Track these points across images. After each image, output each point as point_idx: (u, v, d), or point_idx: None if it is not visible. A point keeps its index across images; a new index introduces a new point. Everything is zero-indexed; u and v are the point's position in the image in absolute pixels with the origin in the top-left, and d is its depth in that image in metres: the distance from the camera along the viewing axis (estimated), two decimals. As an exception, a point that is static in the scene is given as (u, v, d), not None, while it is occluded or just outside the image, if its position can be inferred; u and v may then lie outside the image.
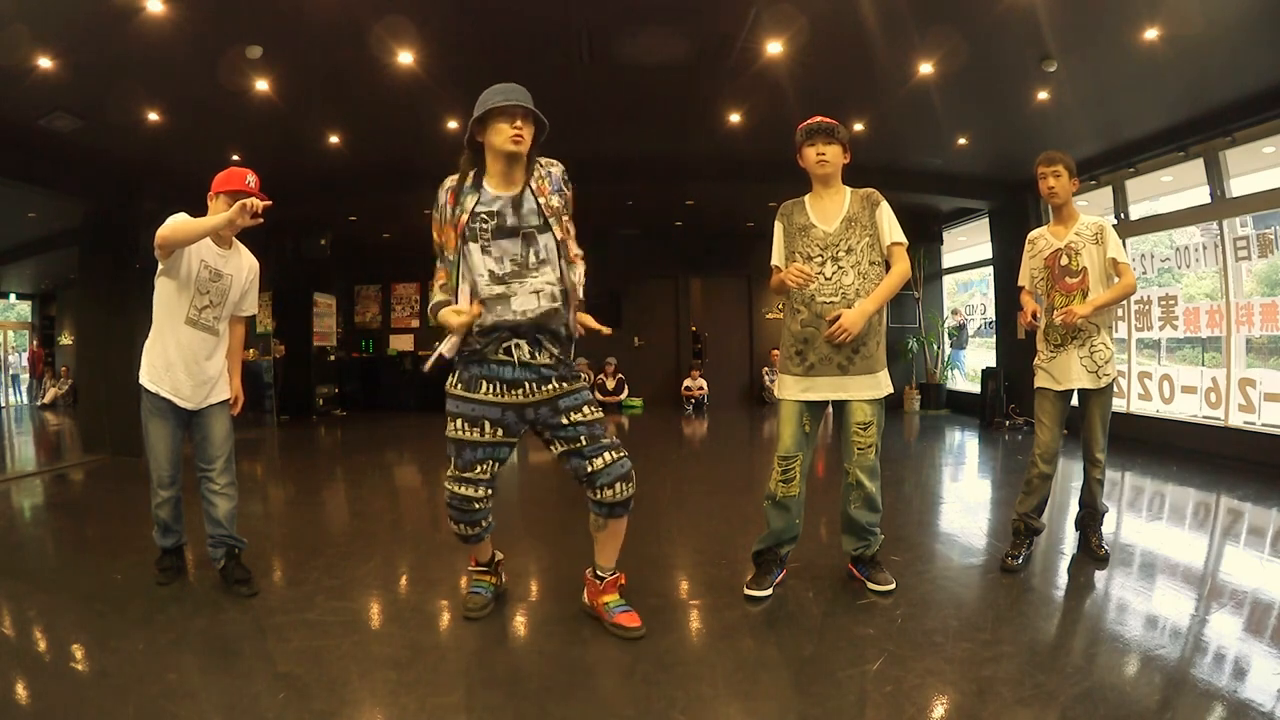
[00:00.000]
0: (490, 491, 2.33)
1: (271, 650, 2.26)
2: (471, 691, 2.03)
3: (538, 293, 2.20)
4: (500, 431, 2.27)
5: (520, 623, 2.51)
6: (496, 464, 2.31)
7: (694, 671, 2.09)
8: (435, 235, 2.29)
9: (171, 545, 2.85)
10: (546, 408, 2.26)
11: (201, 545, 2.86)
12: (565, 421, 2.26)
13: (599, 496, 2.29)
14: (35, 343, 13.83)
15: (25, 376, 13.81)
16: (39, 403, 12.68)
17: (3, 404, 13.21)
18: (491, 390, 2.24)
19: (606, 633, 2.34)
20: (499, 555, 2.63)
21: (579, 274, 2.30)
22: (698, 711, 1.87)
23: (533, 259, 2.21)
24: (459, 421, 2.26)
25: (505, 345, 2.21)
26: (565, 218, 2.29)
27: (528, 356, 2.21)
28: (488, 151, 2.23)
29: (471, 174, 2.25)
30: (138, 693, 1.95)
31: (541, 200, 2.24)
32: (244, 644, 2.35)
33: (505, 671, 2.16)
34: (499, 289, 2.19)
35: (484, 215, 2.19)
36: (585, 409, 2.29)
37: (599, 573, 2.42)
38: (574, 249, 2.31)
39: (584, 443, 2.26)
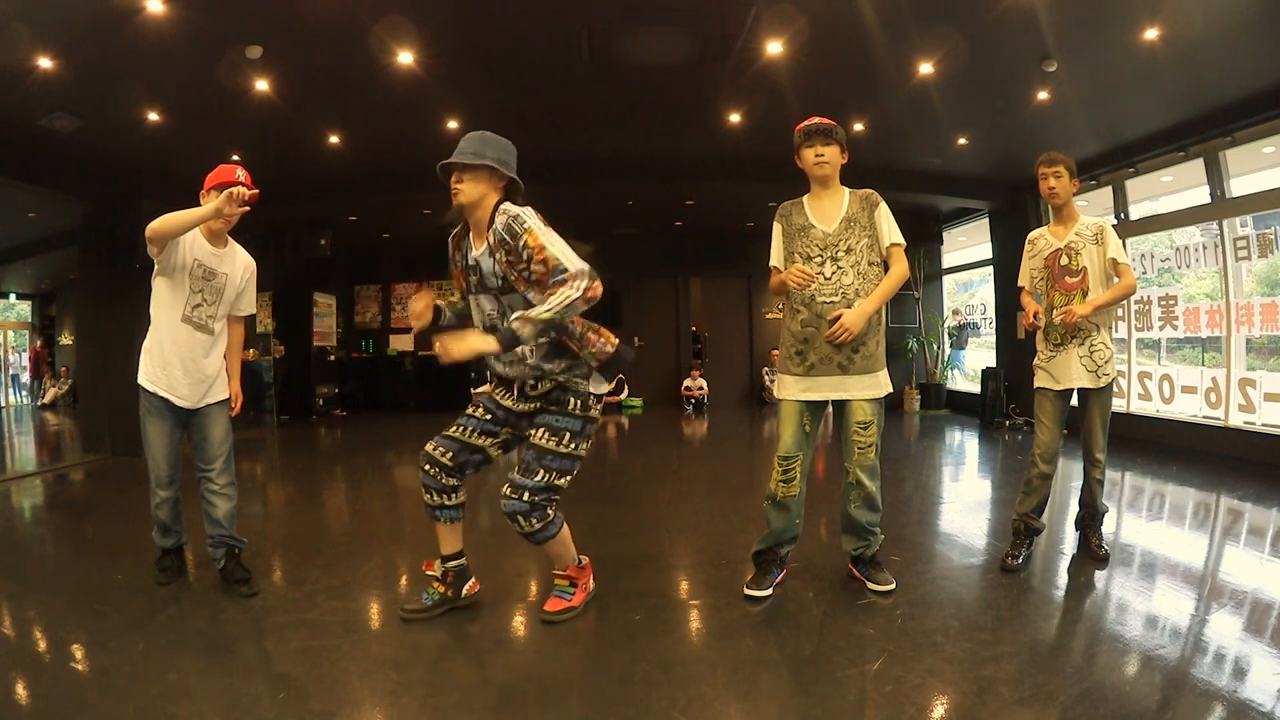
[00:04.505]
0: (453, 460, 2.42)
1: (271, 650, 2.27)
2: (471, 691, 2.03)
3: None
4: (489, 415, 2.45)
5: (520, 622, 2.51)
6: (476, 434, 2.43)
7: (694, 671, 2.09)
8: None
9: (171, 545, 2.85)
10: (525, 420, 2.43)
11: (201, 545, 2.87)
12: (527, 437, 2.39)
13: None
14: (39, 343, 13.82)
15: (26, 376, 13.80)
16: (39, 403, 12.69)
17: (3, 404, 13.21)
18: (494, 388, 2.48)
19: (606, 632, 2.35)
20: (463, 564, 2.58)
21: (557, 297, 2.13)
22: (698, 711, 1.87)
23: (506, 317, 2.27)
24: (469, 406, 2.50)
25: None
26: (521, 265, 2.19)
27: (516, 394, 2.41)
28: None
29: (460, 225, 2.40)
30: (137, 693, 1.95)
31: (497, 256, 2.24)
32: (244, 644, 2.35)
33: (505, 671, 2.16)
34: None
35: (470, 268, 2.36)
36: (541, 432, 2.34)
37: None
38: (555, 278, 2.15)
39: (517, 467, 2.36)
